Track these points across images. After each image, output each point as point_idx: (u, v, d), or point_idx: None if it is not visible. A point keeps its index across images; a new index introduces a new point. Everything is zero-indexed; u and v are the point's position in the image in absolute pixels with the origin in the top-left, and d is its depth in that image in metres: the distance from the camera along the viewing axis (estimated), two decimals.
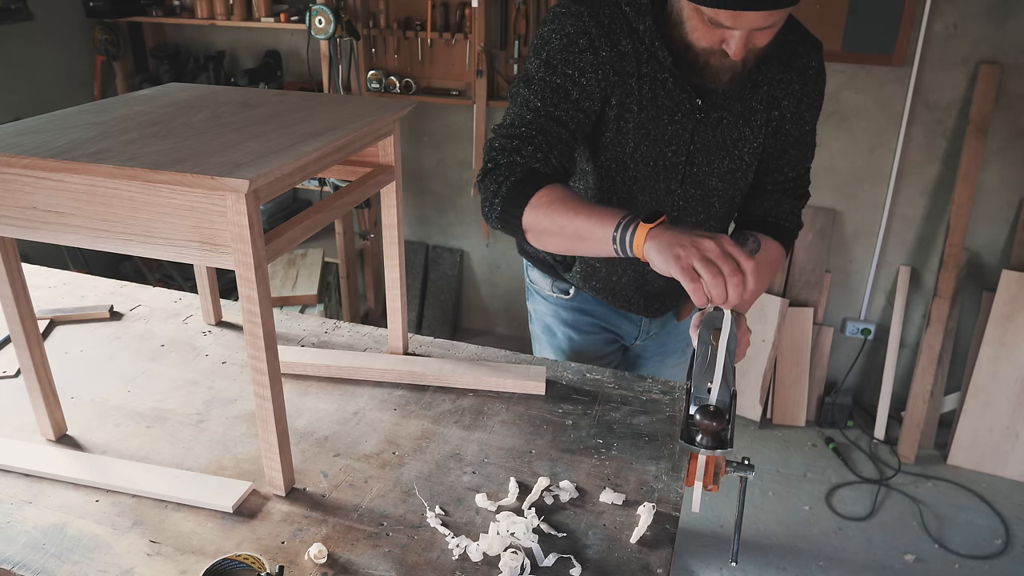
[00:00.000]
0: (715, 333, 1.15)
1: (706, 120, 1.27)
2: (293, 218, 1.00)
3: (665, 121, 1.26)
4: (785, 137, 1.34)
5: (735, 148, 1.31)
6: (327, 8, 2.93)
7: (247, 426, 1.20)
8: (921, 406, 2.84)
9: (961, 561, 2.39)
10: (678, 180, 1.32)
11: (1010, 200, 2.75)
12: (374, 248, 3.66)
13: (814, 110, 1.35)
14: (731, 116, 1.28)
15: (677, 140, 1.28)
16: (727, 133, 1.30)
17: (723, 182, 1.34)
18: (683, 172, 1.31)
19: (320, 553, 0.94)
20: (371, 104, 1.18)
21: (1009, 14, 2.54)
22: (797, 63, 1.29)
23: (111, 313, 1.52)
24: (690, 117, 1.26)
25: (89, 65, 3.60)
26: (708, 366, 1.13)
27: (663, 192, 1.33)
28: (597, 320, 1.58)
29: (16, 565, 0.93)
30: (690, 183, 1.33)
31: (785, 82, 1.29)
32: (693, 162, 1.30)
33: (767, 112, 1.30)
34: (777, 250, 1.38)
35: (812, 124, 1.36)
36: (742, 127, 1.30)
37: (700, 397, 1.13)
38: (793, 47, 1.28)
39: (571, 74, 1.21)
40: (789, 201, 1.40)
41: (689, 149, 1.29)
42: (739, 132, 1.30)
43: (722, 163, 1.32)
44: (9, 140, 0.95)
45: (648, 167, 1.30)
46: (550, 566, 0.94)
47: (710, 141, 1.29)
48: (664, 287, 1.47)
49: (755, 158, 1.34)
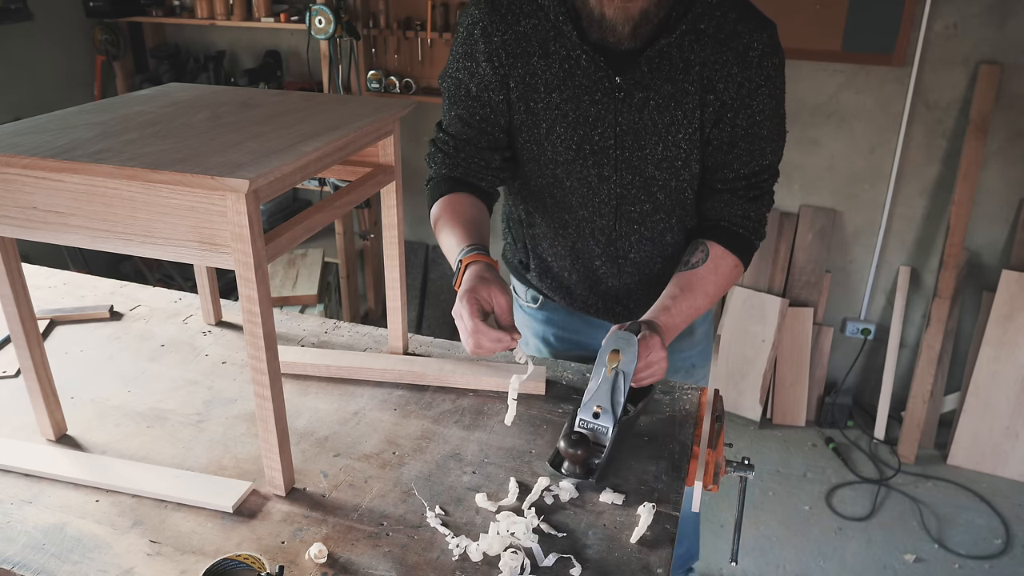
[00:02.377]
0: (613, 355, 1.13)
1: (629, 100, 1.21)
2: (293, 218, 1.00)
3: (586, 102, 1.22)
4: (732, 129, 1.23)
5: (668, 133, 1.23)
6: (327, 8, 2.93)
7: (247, 426, 1.20)
8: (921, 406, 2.84)
9: (961, 561, 2.39)
10: (611, 166, 1.26)
11: (1010, 200, 2.75)
12: (374, 248, 3.66)
13: (764, 99, 1.22)
14: (660, 98, 1.20)
15: (602, 122, 1.23)
16: (657, 116, 1.21)
17: (660, 170, 1.26)
18: (615, 156, 1.25)
19: (320, 553, 0.94)
20: (371, 104, 1.18)
21: (1009, 14, 2.54)
22: (735, 43, 1.18)
23: (111, 313, 1.52)
24: (610, 96, 1.21)
25: (89, 65, 3.60)
26: (599, 389, 1.12)
27: (595, 178, 1.28)
28: (566, 332, 1.54)
29: (16, 565, 0.93)
30: (626, 169, 1.27)
31: (720, 63, 1.19)
32: (623, 146, 1.24)
33: (701, 95, 1.20)
34: (726, 263, 1.28)
35: (767, 115, 1.23)
36: (673, 110, 1.21)
37: (584, 420, 1.12)
38: (732, 26, 1.18)
39: (469, 66, 1.26)
40: (741, 203, 1.29)
41: (616, 132, 1.23)
42: (671, 115, 1.21)
43: (655, 149, 1.24)
44: (9, 140, 0.95)
45: (571, 150, 1.26)
46: (550, 566, 0.94)
47: (637, 124, 1.22)
48: (618, 287, 1.41)
49: (693, 145, 1.24)
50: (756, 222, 1.31)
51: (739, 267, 1.31)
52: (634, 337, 1.13)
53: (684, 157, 1.25)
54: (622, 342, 1.13)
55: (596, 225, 1.34)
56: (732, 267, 1.29)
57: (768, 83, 1.21)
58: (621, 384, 1.11)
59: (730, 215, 1.30)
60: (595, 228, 1.34)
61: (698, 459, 1.10)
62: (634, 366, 1.13)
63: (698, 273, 1.27)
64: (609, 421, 1.10)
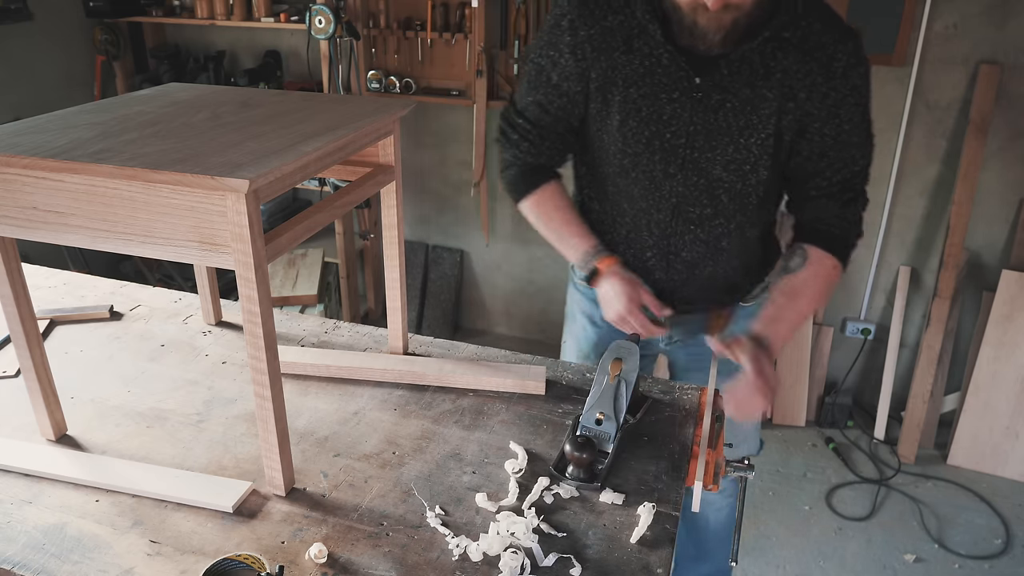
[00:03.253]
0: (615, 363, 1.14)
1: (706, 101, 1.23)
2: (293, 218, 1.00)
3: (663, 100, 1.24)
4: (821, 139, 1.26)
5: (740, 136, 1.25)
6: (327, 8, 2.93)
7: (247, 426, 1.20)
8: (921, 406, 2.84)
9: (961, 561, 2.39)
10: (677, 164, 1.28)
11: (1010, 200, 2.75)
12: (374, 248, 3.66)
13: (852, 107, 1.24)
14: (737, 101, 1.23)
15: (676, 121, 1.25)
16: (732, 119, 1.24)
17: (728, 172, 1.28)
18: (683, 156, 1.28)
19: (320, 553, 0.94)
20: (371, 104, 1.18)
21: (1009, 14, 2.54)
22: (819, 54, 1.20)
23: (111, 313, 1.52)
24: (688, 96, 1.23)
25: (89, 65, 3.60)
26: (601, 397, 1.13)
27: (660, 175, 1.30)
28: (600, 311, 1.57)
29: (16, 565, 0.93)
30: (691, 169, 1.29)
31: (803, 73, 1.21)
32: (693, 146, 1.26)
33: (779, 102, 1.22)
34: (824, 264, 1.30)
35: (855, 123, 1.26)
36: (749, 114, 1.23)
37: (587, 427, 1.12)
38: (817, 36, 1.20)
39: (553, 55, 1.30)
40: (835, 206, 1.31)
41: (688, 131, 1.25)
42: (746, 119, 1.24)
43: (726, 151, 1.26)
44: (9, 140, 0.95)
45: (641, 144, 1.28)
46: (550, 566, 0.93)
47: (712, 125, 1.24)
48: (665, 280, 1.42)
49: (764, 150, 1.26)
50: (851, 222, 1.32)
51: (838, 268, 1.32)
52: (635, 346, 1.15)
53: (753, 161, 1.27)
54: (624, 351, 1.15)
55: (653, 219, 1.36)
56: (831, 268, 1.31)
57: (854, 92, 1.23)
58: (623, 392, 1.12)
59: (826, 217, 1.31)
60: (651, 221, 1.36)
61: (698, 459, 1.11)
62: (635, 375, 1.14)
63: (799, 277, 1.29)
64: (612, 427, 1.11)
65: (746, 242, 1.40)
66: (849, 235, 1.33)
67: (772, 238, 1.50)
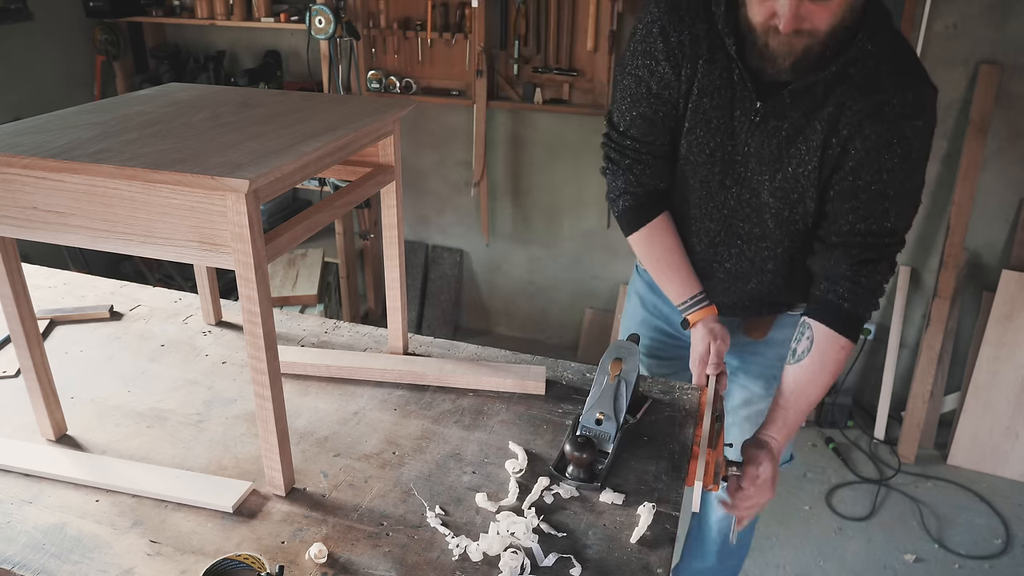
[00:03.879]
0: (615, 363, 1.14)
1: (763, 126, 1.22)
2: (293, 218, 1.00)
3: (729, 115, 1.24)
4: (854, 179, 1.19)
5: (789, 164, 1.23)
6: (327, 8, 2.93)
7: (247, 426, 1.20)
8: (921, 406, 2.84)
9: (961, 561, 2.39)
10: (734, 178, 1.29)
11: (1010, 200, 2.75)
12: (374, 248, 3.66)
13: (895, 158, 1.16)
14: (792, 129, 1.21)
15: (736, 138, 1.25)
16: (783, 146, 1.22)
17: (775, 199, 1.27)
18: (740, 172, 1.28)
19: (320, 553, 0.94)
20: (371, 104, 1.18)
21: (1009, 14, 2.54)
22: (875, 96, 1.15)
23: (111, 313, 1.52)
24: (747, 117, 1.23)
25: (89, 65, 3.60)
26: (601, 397, 1.13)
27: (716, 186, 1.31)
28: (659, 300, 1.57)
29: (16, 565, 0.93)
30: (745, 187, 1.29)
31: (854, 111, 1.16)
32: (747, 165, 1.27)
33: (825, 135, 1.19)
34: (832, 349, 1.24)
35: (896, 176, 1.17)
36: (799, 143, 1.21)
37: (587, 427, 1.12)
38: (879, 78, 1.15)
39: (649, 64, 1.28)
40: (851, 264, 1.23)
41: (744, 151, 1.26)
42: (795, 148, 1.22)
43: (775, 177, 1.25)
44: (9, 140, 0.95)
45: (704, 154, 1.28)
46: (550, 566, 0.93)
47: (763, 149, 1.24)
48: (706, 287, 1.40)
49: (810, 182, 1.23)
50: (866, 290, 1.24)
51: (847, 347, 1.25)
52: (635, 347, 1.15)
53: (800, 191, 1.25)
54: (624, 351, 1.15)
55: (703, 226, 1.37)
56: (839, 349, 1.25)
57: (902, 143, 1.16)
58: (623, 392, 1.12)
59: (837, 278, 1.24)
60: (701, 228, 1.37)
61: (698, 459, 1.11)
62: (635, 375, 1.14)
63: (806, 371, 1.26)
64: (612, 427, 1.11)
65: (794, 265, 1.36)
66: (861, 309, 1.24)
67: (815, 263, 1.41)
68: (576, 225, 3.38)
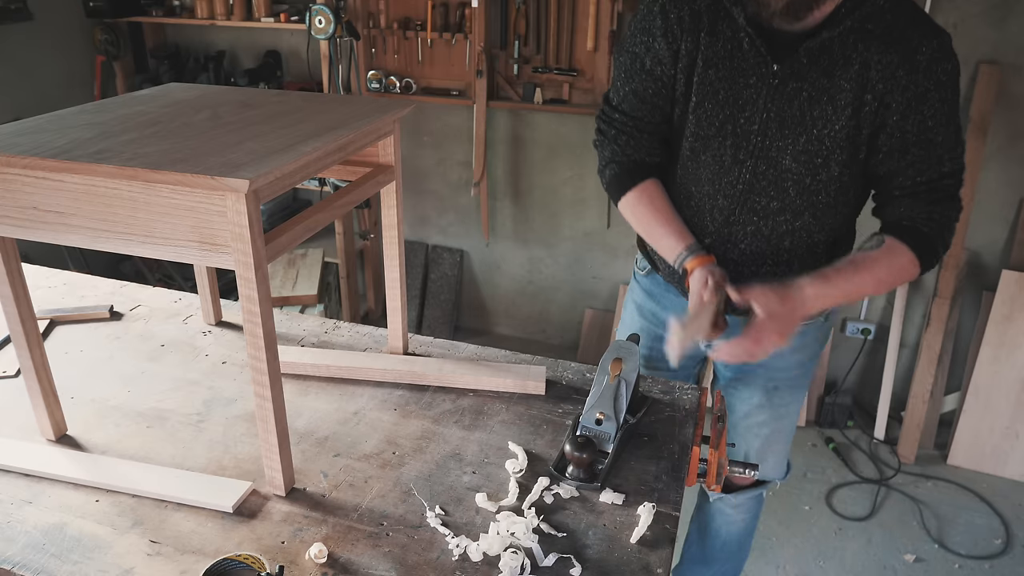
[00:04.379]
0: (615, 363, 1.14)
1: (782, 89, 1.21)
2: (293, 218, 1.00)
3: (740, 84, 1.24)
4: (902, 134, 1.20)
5: (814, 126, 1.22)
6: (327, 8, 2.93)
7: (247, 426, 1.20)
8: (921, 406, 2.84)
9: (961, 561, 2.39)
10: (748, 150, 1.27)
11: (1010, 200, 2.75)
12: (374, 248, 3.66)
13: (936, 103, 1.19)
14: (813, 90, 1.20)
15: (750, 107, 1.24)
16: (806, 108, 1.21)
17: (798, 163, 1.25)
18: (755, 143, 1.26)
19: (320, 553, 0.94)
20: (371, 104, 1.18)
21: (1009, 14, 2.54)
22: (902, 46, 1.16)
23: (111, 313, 1.52)
24: (765, 82, 1.22)
25: (89, 65, 3.60)
26: (601, 397, 1.12)
27: (730, 160, 1.29)
28: (657, 307, 1.56)
29: (16, 565, 0.93)
30: (761, 157, 1.27)
31: (884, 64, 1.17)
32: (766, 133, 1.24)
33: (857, 93, 1.19)
34: (900, 255, 1.23)
35: (940, 120, 1.20)
36: (824, 104, 1.20)
37: (587, 427, 1.12)
38: (901, 30, 1.17)
39: (646, 40, 1.30)
40: (922, 205, 1.23)
41: (762, 118, 1.24)
42: (820, 109, 1.20)
43: (798, 140, 1.23)
44: (9, 140, 0.95)
45: (714, 128, 1.28)
46: (550, 566, 0.93)
47: (786, 113, 1.22)
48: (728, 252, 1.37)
49: (836, 143, 1.22)
50: (940, 224, 1.24)
51: (916, 264, 1.24)
52: (635, 347, 1.15)
53: (825, 155, 1.24)
54: (624, 351, 1.15)
55: (717, 204, 1.34)
56: (908, 261, 1.23)
57: (939, 88, 1.18)
58: (623, 392, 1.12)
59: (912, 216, 1.25)
60: (715, 207, 1.35)
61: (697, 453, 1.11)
62: (635, 375, 1.14)
63: (870, 255, 1.23)
64: (612, 427, 1.10)
65: (811, 248, 1.35)
66: (936, 236, 1.24)
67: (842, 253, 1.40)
68: (576, 225, 3.38)
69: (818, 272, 1.21)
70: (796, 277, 1.30)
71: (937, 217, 1.24)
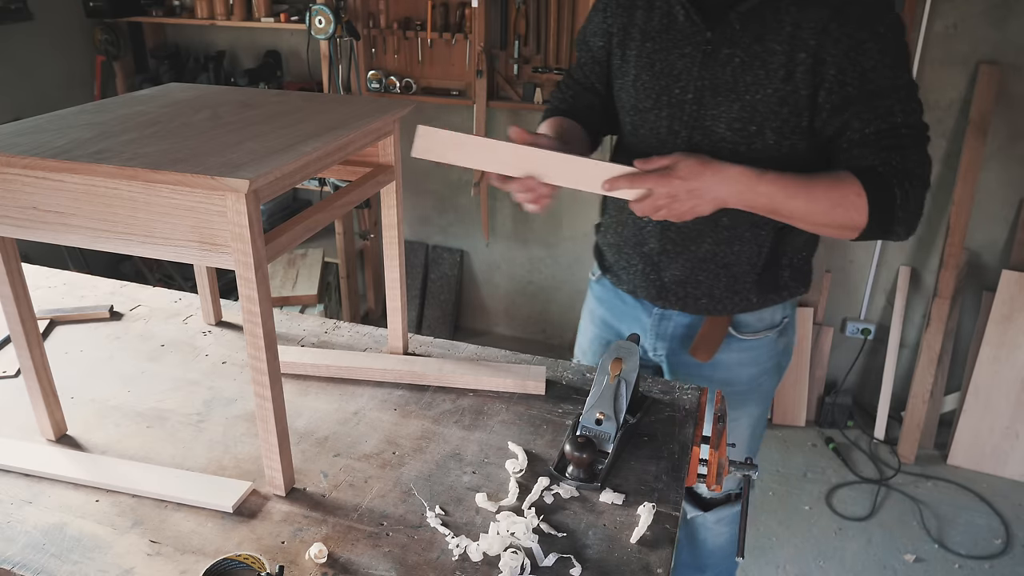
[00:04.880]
0: (615, 363, 1.14)
1: (715, 56, 1.21)
2: (293, 218, 1.00)
3: (675, 55, 1.25)
4: (841, 88, 1.15)
5: (746, 92, 1.20)
6: (327, 8, 2.93)
7: (247, 426, 1.20)
8: (921, 406, 2.84)
9: (961, 561, 2.39)
10: (683, 121, 1.26)
11: (1010, 200, 2.75)
12: (374, 248, 3.66)
13: (875, 55, 1.13)
14: (746, 56, 1.19)
15: (685, 76, 1.24)
16: (739, 74, 1.19)
17: (732, 131, 1.23)
18: (689, 112, 1.25)
19: (320, 553, 0.94)
20: (371, 104, 1.18)
21: (1009, 14, 2.54)
22: (833, 2, 1.13)
23: (111, 313, 1.52)
24: (699, 50, 1.22)
25: (89, 65, 3.60)
26: (601, 397, 1.12)
27: (665, 132, 1.29)
28: (608, 313, 1.56)
29: (16, 565, 0.93)
30: (696, 127, 1.25)
31: (815, 20, 1.14)
32: (700, 102, 1.24)
33: (789, 55, 1.16)
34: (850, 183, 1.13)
35: (884, 73, 1.13)
36: (756, 69, 1.18)
37: (587, 427, 1.12)
38: None
39: (592, 16, 1.41)
40: (874, 151, 1.14)
41: (696, 86, 1.24)
42: (753, 74, 1.18)
43: (731, 108, 1.22)
44: (9, 140, 0.95)
45: (651, 100, 1.29)
46: (550, 566, 0.93)
47: (719, 80, 1.21)
48: (658, 251, 1.37)
49: (771, 109, 1.20)
50: (899, 170, 1.13)
51: (862, 198, 1.12)
52: (635, 346, 1.15)
53: (759, 121, 1.21)
54: (624, 351, 1.15)
55: None
56: (855, 194, 1.13)
57: (876, 39, 1.13)
58: (623, 392, 1.12)
59: (866, 162, 1.15)
60: None
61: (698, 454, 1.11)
62: (635, 375, 1.14)
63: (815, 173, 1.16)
64: (612, 427, 1.10)
65: (754, 226, 1.31)
66: (893, 179, 1.12)
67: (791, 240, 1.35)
68: (576, 225, 3.38)
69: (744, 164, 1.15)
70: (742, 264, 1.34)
71: (895, 164, 1.13)
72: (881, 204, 1.13)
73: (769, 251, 1.35)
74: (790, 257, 1.38)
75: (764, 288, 1.39)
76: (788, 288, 1.41)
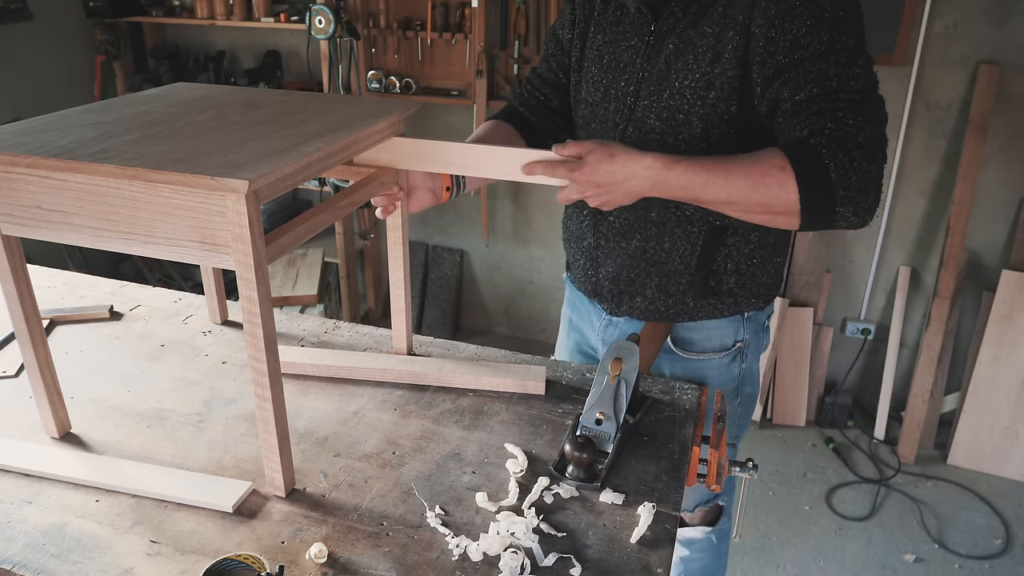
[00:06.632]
0: (615, 363, 1.14)
1: (657, 46, 1.20)
2: (294, 219, 1.00)
3: (622, 48, 1.25)
4: (772, 58, 1.07)
5: (676, 79, 1.16)
6: (327, 8, 2.93)
7: (247, 426, 1.20)
8: (921, 406, 2.84)
9: (961, 561, 2.39)
10: (622, 114, 1.25)
11: (1010, 200, 2.75)
12: (374, 248, 3.66)
13: (806, 19, 1.04)
14: (680, 42, 1.16)
15: (629, 68, 1.24)
16: (671, 61, 1.17)
17: (661, 121, 1.19)
18: (629, 105, 1.24)
19: (320, 553, 0.94)
20: (376, 105, 1.18)
21: (1009, 14, 2.54)
22: None
23: (111, 313, 1.52)
24: (643, 41, 1.22)
25: (89, 65, 3.60)
26: (601, 397, 1.13)
27: (610, 126, 1.27)
28: (572, 311, 1.57)
29: (16, 565, 0.93)
30: (631, 121, 1.23)
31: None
32: (638, 94, 1.22)
33: (718, 36, 1.12)
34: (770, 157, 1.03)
35: (818, 38, 1.04)
36: (687, 55, 1.15)
37: (587, 427, 1.12)
38: None
39: (563, 9, 1.41)
40: (806, 118, 1.03)
41: (637, 78, 1.22)
42: (683, 61, 1.16)
43: (661, 96, 1.18)
44: (14, 139, 0.95)
45: (600, 93, 1.29)
46: (550, 566, 0.94)
47: (656, 71, 1.19)
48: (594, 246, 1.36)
49: (698, 96, 1.14)
50: (832, 138, 1.00)
51: (786, 172, 1.00)
52: (635, 346, 1.15)
53: (686, 109, 1.16)
54: (624, 351, 1.15)
55: None
56: (777, 168, 1.00)
57: (806, 5, 1.05)
58: (623, 392, 1.12)
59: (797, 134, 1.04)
60: None
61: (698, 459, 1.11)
62: (635, 375, 1.14)
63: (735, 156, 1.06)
64: (612, 427, 1.11)
65: (685, 222, 1.25)
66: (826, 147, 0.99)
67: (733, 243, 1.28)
68: None
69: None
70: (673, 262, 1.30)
71: (828, 131, 1.00)
72: (811, 179, 0.99)
73: (703, 249, 1.28)
74: (736, 262, 1.30)
75: (700, 291, 1.31)
76: (734, 297, 1.32)
